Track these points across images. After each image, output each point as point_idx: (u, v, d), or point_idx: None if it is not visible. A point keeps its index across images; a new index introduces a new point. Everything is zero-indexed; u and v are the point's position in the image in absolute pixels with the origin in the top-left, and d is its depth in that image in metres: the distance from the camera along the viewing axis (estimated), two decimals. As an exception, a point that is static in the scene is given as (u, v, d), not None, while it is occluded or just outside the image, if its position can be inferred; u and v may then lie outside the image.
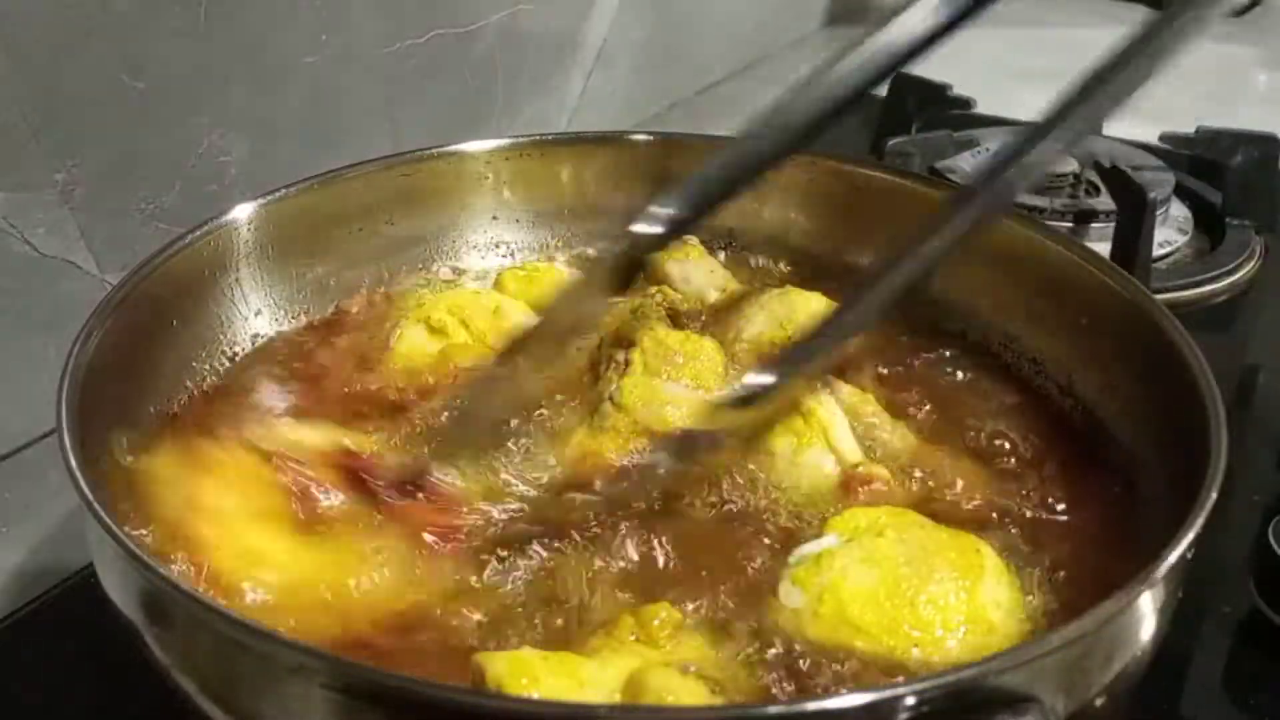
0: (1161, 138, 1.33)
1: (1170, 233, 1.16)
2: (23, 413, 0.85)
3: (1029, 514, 0.66)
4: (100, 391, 0.63)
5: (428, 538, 0.61)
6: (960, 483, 0.68)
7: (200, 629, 0.49)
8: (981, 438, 0.72)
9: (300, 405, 0.75)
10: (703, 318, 0.82)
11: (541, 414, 0.72)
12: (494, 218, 0.92)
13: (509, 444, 0.68)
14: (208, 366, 0.77)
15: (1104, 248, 1.04)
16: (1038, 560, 0.63)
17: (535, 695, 0.49)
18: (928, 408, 0.75)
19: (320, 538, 0.61)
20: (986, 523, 0.65)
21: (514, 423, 0.70)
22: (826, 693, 0.53)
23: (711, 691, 0.51)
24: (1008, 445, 0.72)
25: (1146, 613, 0.52)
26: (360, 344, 0.81)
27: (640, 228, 0.67)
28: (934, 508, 0.66)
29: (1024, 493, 0.68)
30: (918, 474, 0.68)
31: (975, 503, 0.67)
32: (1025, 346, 0.80)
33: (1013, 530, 0.65)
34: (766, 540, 0.63)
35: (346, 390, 0.76)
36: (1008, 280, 0.80)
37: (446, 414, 0.71)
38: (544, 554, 0.61)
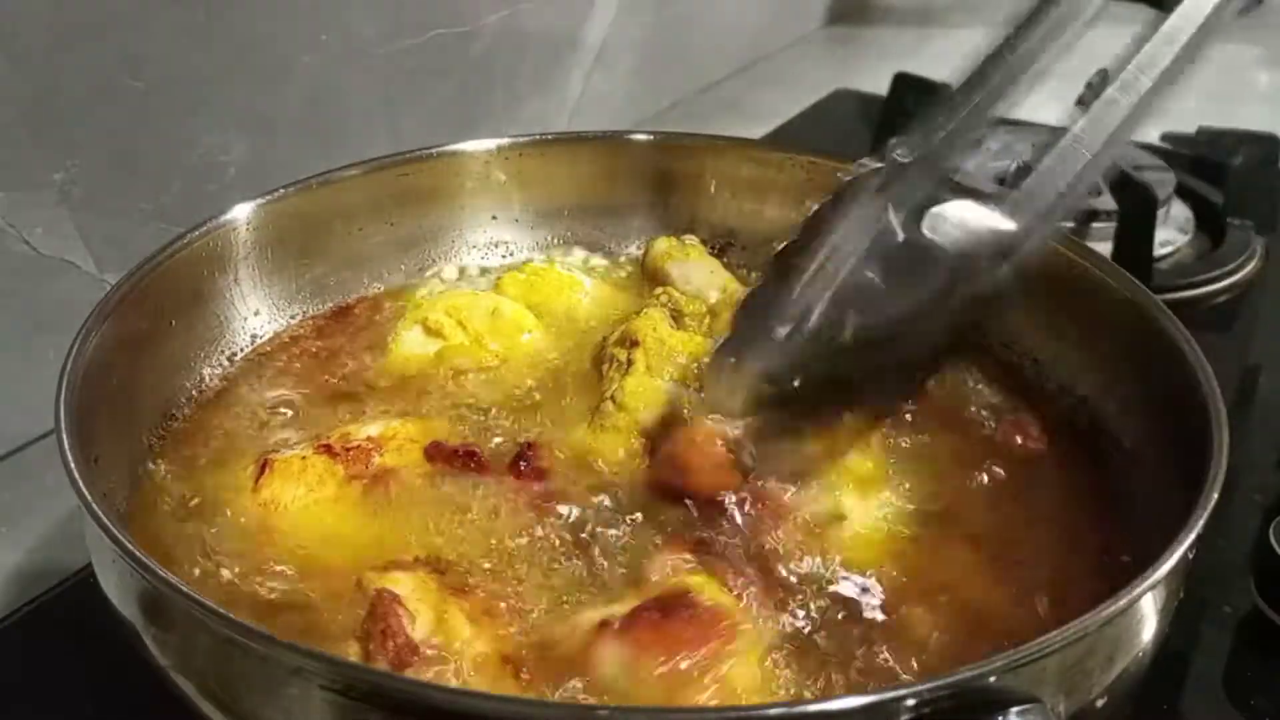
0: (1163, 137, 1.33)
1: (1171, 233, 1.16)
2: (22, 413, 0.85)
3: (1030, 514, 0.66)
4: (100, 391, 0.63)
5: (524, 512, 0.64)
6: (961, 482, 0.68)
7: (199, 630, 0.49)
8: (983, 437, 0.72)
9: (299, 404, 0.75)
10: (706, 319, 0.82)
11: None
12: (494, 218, 0.92)
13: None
14: (207, 366, 0.77)
15: (1105, 247, 1.04)
16: (1038, 559, 0.63)
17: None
18: (929, 407, 0.75)
19: (395, 518, 0.64)
20: (986, 522, 0.65)
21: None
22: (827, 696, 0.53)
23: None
24: (1009, 445, 0.72)
25: (1147, 613, 0.52)
26: (358, 344, 0.81)
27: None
28: (934, 506, 0.66)
29: (1025, 492, 0.68)
30: (919, 472, 0.68)
31: (976, 502, 0.67)
32: (1026, 346, 0.79)
33: (1013, 529, 0.65)
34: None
35: (345, 389, 0.76)
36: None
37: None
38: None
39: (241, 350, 0.79)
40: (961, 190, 0.62)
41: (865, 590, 0.60)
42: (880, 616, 0.59)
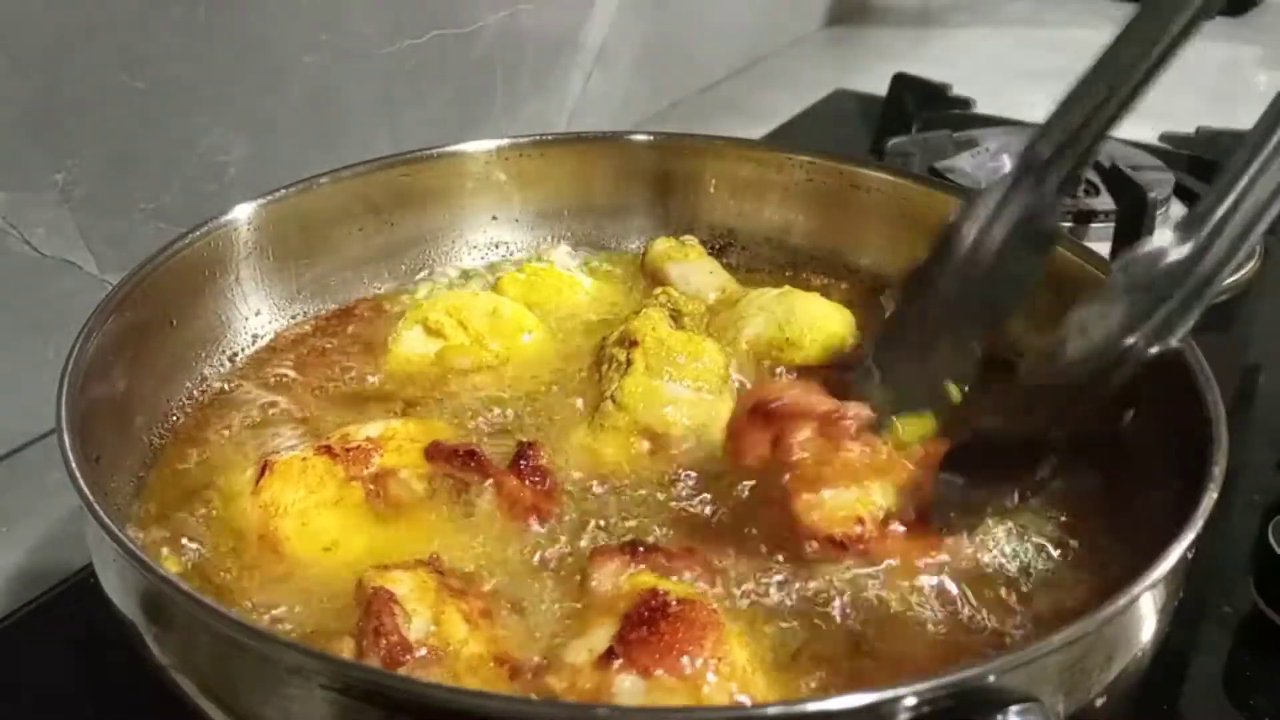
0: (1161, 138, 1.33)
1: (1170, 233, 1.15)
2: (23, 413, 0.85)
3: (1029, 515, 0.66)
4: (100, 391, 0.63)
5: (525, 512, 0.64)
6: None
7: (199, 629, 0.49)
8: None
9: (299, 405, 0.75)
10: (705, 319, 0.82)
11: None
12: (494, 218, 0.92)
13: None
14: (207, 366, 0.77)
15: (1104, 247, 1.04)
16: (1038, 560, 0.63)
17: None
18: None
19: (396, 518, 0.64)
20: (985, 523, 0.65)
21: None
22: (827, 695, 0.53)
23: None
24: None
25: (1147, 613, 0.52)
26: (359, 344, 0.81)
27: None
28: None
29: (1023, 493, 0.68)
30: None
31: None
32: (1025, 346, 0.79)
33: (1013, 530, 0.65)
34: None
35: (345, 389, 0.76)
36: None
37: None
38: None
39: (242, 350, 0.79)
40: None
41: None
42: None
